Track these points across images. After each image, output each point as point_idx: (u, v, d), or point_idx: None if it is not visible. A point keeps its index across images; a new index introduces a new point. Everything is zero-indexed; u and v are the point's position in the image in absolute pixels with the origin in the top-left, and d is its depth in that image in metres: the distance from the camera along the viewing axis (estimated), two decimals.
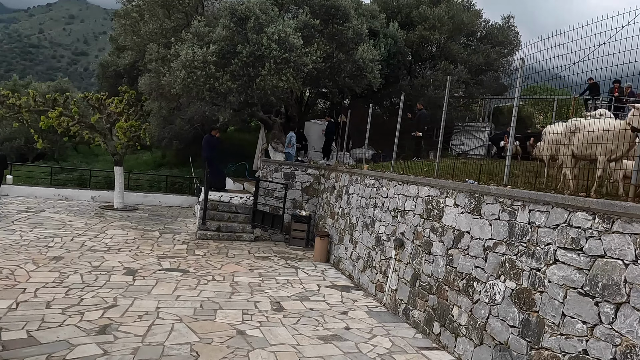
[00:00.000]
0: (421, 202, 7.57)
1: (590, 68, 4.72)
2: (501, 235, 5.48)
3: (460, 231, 6.33)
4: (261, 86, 13.46)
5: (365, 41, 16.41)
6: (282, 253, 12.33)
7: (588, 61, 4.70)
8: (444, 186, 6.94)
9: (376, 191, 9.56)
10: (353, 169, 11.46)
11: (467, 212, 6.24)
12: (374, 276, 8.94)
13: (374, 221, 9.38)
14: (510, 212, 5.40)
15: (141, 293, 7.74)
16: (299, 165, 14.32)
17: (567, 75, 5.27)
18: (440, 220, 6.90)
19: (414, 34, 21.28)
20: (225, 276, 9.31)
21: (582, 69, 4.84)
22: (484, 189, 5.90)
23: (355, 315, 7.55)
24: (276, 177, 14.07)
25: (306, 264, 11.30)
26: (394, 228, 8.41)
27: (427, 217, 7.28)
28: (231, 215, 14.01)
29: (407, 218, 7.98)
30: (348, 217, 11.02)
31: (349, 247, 10.60)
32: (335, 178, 12.60)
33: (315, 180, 14.19)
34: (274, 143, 18.83)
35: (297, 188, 14.12)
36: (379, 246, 8.96)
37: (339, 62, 15.37)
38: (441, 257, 6.69)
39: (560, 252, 4.57)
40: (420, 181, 7.65)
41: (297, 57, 13.38)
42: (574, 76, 5.12)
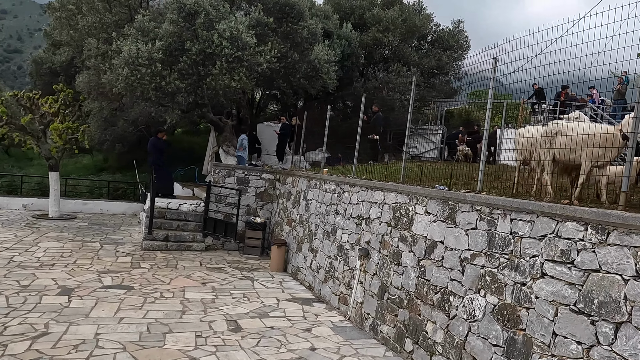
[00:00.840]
0: (388, 209, 7.14)
1: (531, 76, 5.01)
2: (480, 246, 5.12)
3: (432, 241, 5.94)
4: (212, 86, 12.68)
5: (320, 42, 15.98)
6: (236, 263, 11.60)
7: (529, 69, 4.97)
8: (413, 192, 6.54)
9: (337, 197, 9.07)
10: (311, 174, 10.94)
11: (440, 221, 5.86)
12: (336, 288, 8.44)
13: (336, 229, 8.89)
14: (489, 221, 5.05)
15: (78, 316, 6.83)
16: (253, 170, 13.63)
17: (511, 83, 5.47)
18: (409, 229, 6.49)
19: (368, 36, 21.12)
20: (174, 292, 8.51)
21: (523, 77, 5.13)
22: (459, 196, 5.53)
23: (319, 333, 7.01)
24: (229, 182, 13.30)
25: (263, 275, 10.65)
26: (358, 237, 7.95)
27: (395, 225, 6.86)
28: (180, 223, 13.11)
29: (372, 226, 7.54)
30: (307, 224, 10.48)
31: (309, 256, 10.06)
32: (292, 183, 12.03)
33: (270, 185, 13.55)
34: (225, 146, 18.03)
35: (251, 194, 13.43)
36: (341, 256, 8.47)
37: (294, 62, 14.83)
38: (412, 268, 6.27)
39: (548, 265, 4.24)
40: (387, 187, 7.23)
41: (250, 56, 12.71)
42: (518, 83, 5.31)
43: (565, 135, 4.69)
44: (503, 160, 11.55)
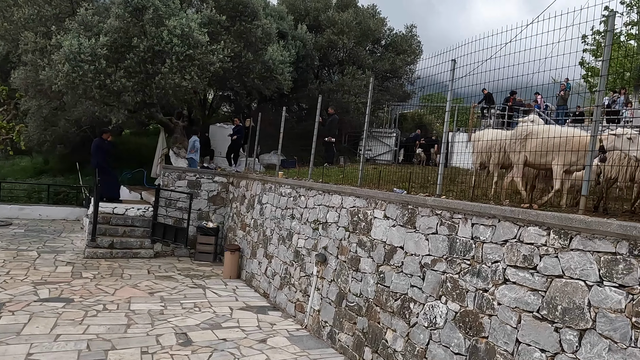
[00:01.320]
0: (346, 214, 6.95)
1: (480, 81, 5.12)
2: (440, 251, 5.00)
3: (392, 246, 5.79)
4: (161, 85, 12.09)
5: (274, 42, 15.67)
6: (187, 270, 11.08)
7: (477, 74, 5.05)
8: (371, 196, 6.37)
9: (293, 201, 8.81)
10: (266, 177, 10.62)
11: (400, 225, 5.71)
12: (292, 295, 8.16)
13: (292, 234, 8.62)
14: (450, 225, 4.94)
15: (8, 335, 6.20)
16: (205, 173, 13.12)
17: (461, 87, 5.51)
18: (368, 234, 6.31)
19: (323, 38, 21.01)
20: (119, 304, 7.95)
21: (472, 82, 5.26)
22: (419, 200, 5.40)
23: (275, 343, 6.70)
24: (179, 186, 12.74)
25: (215, 282, 10.20)
26: (315, 242, 7.71)
27: (353, 230, 6.68)
28: (127, 229, 12.41)
29: (330, 231, 7.32)
30: (261, 229, 10.14)
31: (263, 262, 9.72)
32: (246, 186, 11.65)
33: (223, 188, 13.09)
34: (176, 148, 17.36)
35: (203, 197, 12.92)
36: (297, 261, 8.20)
37: (248, 62, 14.43)
38: (371, 274, 6.10)
39: (510, 271, 4.15)
40: (345, 191, 7.04)
41: (203, 54, 12.22)
42: (467, 87, 5.39)
43: (537, 138, 4.60)
44: (455, 163, 11.71)
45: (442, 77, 5.84)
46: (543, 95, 19.22)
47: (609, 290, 3.36)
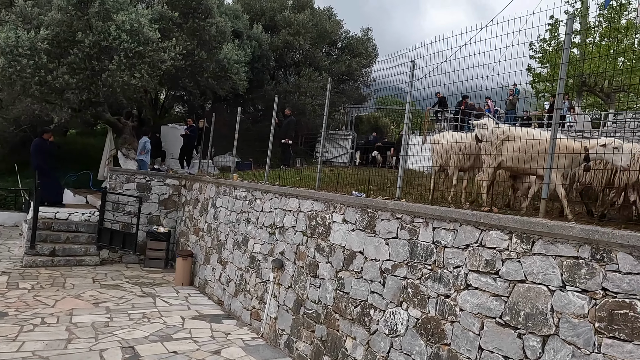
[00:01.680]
0: (303, 218, 6.74)
1: (433, 84, 5.12)
2: (401, 256, 4.87)
3: (351, 251, 5.62)
4: (108, 83, 11.45)
5: (229, 41, 15.26)
6: (136, 278, 10.53)
7: (431, 77, 5.09)
8: (330, 200, 6.19)
9: (249, 205, 8.51)
10: (220, 179, 10.24)
11: (359, 230, 5.56)
12: (248, 302, 7.86)
13: (247, 239, 8.31)
14: (410, 230, 4.82)
15: None
16: (155, 175, 12.56)
17: (416, 89, 5.51)
18: (327, 239, 6.13)
19: (279, 39, 20.75)
20: (60, 316, 7.38)
21: (426, 85, 5.27)
22: (379, 204, 5.27)
23: (230, 354, 6.39)
24: (128, 189, 12.12)
25: (166, 290, 9.73)
26: (272, 247, 7.45)
27: (311, 234, 6.47)
28: (70, 235, 11.67)
29: (287, 236, 7.08)
30: (215, 233, 9.76)
31: (217, 268, 9.35)
32: (199, 189, 11.22)
33: (175, 191, 12.57)
34: (125, 149, 16.60)
35: (154, 201, 12.36)
36: (253, 267, 7.91)
37: (201, 60, 13.97)
38: (330, 280, 5.91)
39: (472, 276, 4.07)
40: (302, 194, 6.82)
41: (153, 51, 11.69)
42: (421, 90, 5.43)
43: (517, 140, 4.49)
44: (410, 165, 11.87)
45: (399, 79, 5.75)
46: (493, 100, 19.83)
47: (571, 295, 3.32)
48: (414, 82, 5.43)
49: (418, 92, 5.47)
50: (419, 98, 6.05)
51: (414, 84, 5.44)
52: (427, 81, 5.19)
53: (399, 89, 6.04)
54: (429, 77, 5.13)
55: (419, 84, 5.36)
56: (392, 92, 6.62)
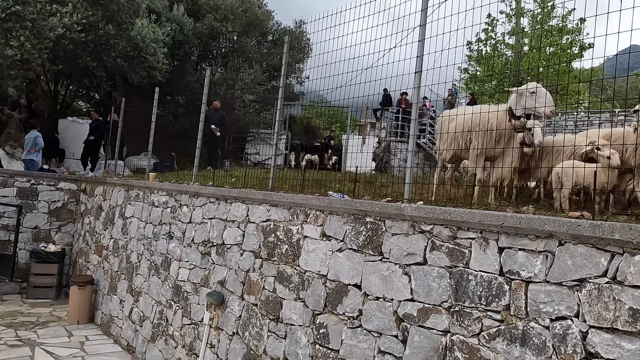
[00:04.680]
0: (255, 231, 4.61)
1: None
2: (437, 294, 2.95)
3: (340, 283, 3.61)
4: None
5: (144, 16, 12.68)
6: (12, 316, 7.75)
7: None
8: (298, 204, 4.14)
9: (171, 213, 6.20)
10: (131, 181, 7.78)
11: (352, 250, 3.57)
12: (171, 351, 5.55)
13: (169, 260, 6.00)
14: (452, 251, 2.91)
15: None
16: (44, 177, 9.69)
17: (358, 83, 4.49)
18: (295, 263, 4.06)
19: (204, 24, 18.29)
20: None
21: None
22: (387, 209, 3.31)
23: None
24: (4, 195, 9.19)
25: (54, 333, 7.11)
26: (206, 273, 5.23)
27: (269, 256, 4.37)
28: None
29: (229, 257, 4.91)
30: (124, 252, 7.29)
31: (127, 300, 6.90)
32: (103, 194, 8.62)
33: (72, 198, 9.80)
34: (9, 147, 13.43)
35: (42, 211, 9.50)
36: (179, 302, 5.62)
37: (108, 36, 11.28)
38: (303, 328, 3.85)
39: (600, 338, 2.23)
40: (252, 196, 4.70)
41: (38, 14, 8.93)
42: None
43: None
44: (349, 167, 10.49)
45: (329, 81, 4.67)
46: (426, 98, 18.84)
47: None
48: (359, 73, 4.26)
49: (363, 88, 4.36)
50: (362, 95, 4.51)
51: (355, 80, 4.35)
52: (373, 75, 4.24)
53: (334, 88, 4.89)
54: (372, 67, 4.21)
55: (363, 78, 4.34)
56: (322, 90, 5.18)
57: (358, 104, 5.60)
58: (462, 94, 22.54)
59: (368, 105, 18.23)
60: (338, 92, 4.79)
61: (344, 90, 4.68)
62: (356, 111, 19.30)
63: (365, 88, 4.33)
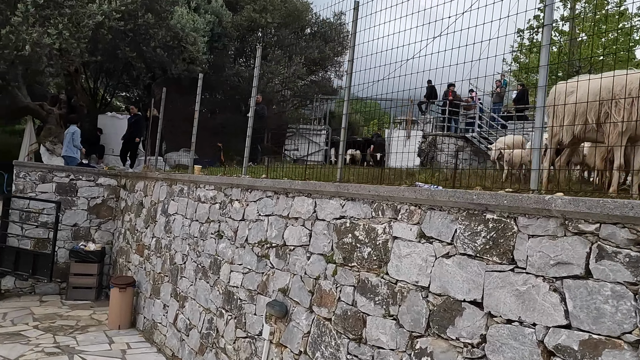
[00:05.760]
0: (325, 230, 3.84)
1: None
2: (613, 322, 2.10)
3: (449, 299, 2.79)
4: (11, 41, 8.11)
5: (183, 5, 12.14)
6: (50, 319, 7.29)
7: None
8: (384, 197, 3.34)
9: (220, 209, 5.51)
10: (174, 175, 7.18)
11: (467, 256, 2.74)
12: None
13: (219, 262, 5.32)
14: (637, 260, 2.06)
15: None
16: (83, 172, 9.26)
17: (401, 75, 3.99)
18: (381, 270, 3.27)
19: (242, 16, 17.71)
20: None
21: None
22: (526, 201, 2.47)
23: None
24: (43, 191, 8.79)
25: (94, 339, 6.58)
26: (264, 279, 4.51)
27: (346, 261, 3.59)
28: None
29: (292, 261, 4.17)
30: (168, 253, 6.68)
31: (172, 305, 6.28)
32: (145, 190, 8.07)
33: (111, 194, 9.33)
34: (49, 143, 13.16)
35: (82, 207, 9.07)
36: (231, 310, 4.93)
37: (148, 26, 10.78)
38: (396, 354, 3.05)
39: None
40: (322, 189, 3.93)
41: (77, 1, 8.46)
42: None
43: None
44: (393, 163, 9.55)
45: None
46: (473, 90, 17.72)
47: None
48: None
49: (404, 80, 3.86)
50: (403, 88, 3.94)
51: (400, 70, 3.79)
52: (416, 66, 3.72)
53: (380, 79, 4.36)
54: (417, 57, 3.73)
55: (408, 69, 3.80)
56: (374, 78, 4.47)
57: (401, 98, 5.04)
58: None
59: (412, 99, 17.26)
60: (379, 86, 4.24)
61: (385, 83, 4.12)
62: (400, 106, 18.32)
63: (407, 81, 3.87)
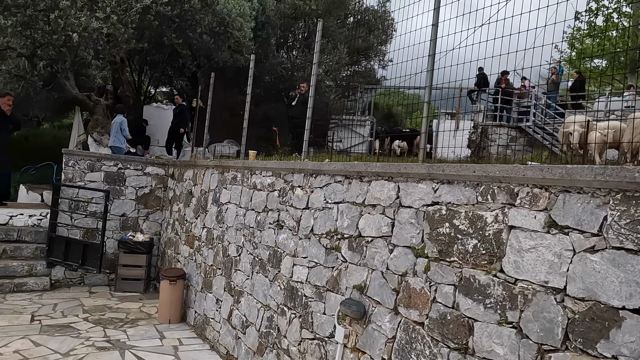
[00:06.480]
0: (413, 219, 3.28)
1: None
2: None
3: (599, 306, 2.19)
4: (59, 26, 7.91)
5: None
6: (100, 311, 7.06)
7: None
8: (494, 178, 2.75)
9: (280, 197, 5.04)
10: (226, 161, 6.78)
11: (625, 251, 2.13)
12: None
13: (280, 255, 4.86)
14: None
15: None
16: (131, 161, 9.03)
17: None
18: (493, 267, 2.69)
19: (286, 4, 17.29)
20: None
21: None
22: None
23: None
24: (91, 180, 8.61)
25: (145, 333, 6.27)
26: (334, 273, 4.00)
27: (442, 254, 3.02)
28: (10, 246, 8.17)
29: (370, 254, 3.63)
30: (220, 244, 6.29)
31: (226, 299, 5.89)
32: (194, 179, 7.73)
33: (159, 183, 9.08)
34: (97, 134, 13.15)
35: (130, 197, 8.85)
36: (295, 308, 4.46)
37: (194, 11, 10.46)
38: None
39: None
40: (408, 171, 3.36)
41: None
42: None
43: None
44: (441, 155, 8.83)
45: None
46: (526, 78, 16.67)
47: None
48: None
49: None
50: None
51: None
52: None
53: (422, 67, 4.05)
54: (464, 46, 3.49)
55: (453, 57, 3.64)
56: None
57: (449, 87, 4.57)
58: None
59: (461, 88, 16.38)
60: (424, 76, 3.81)
61: (430, 72, 3.70)
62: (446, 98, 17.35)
63: (454, 71, 3.61)
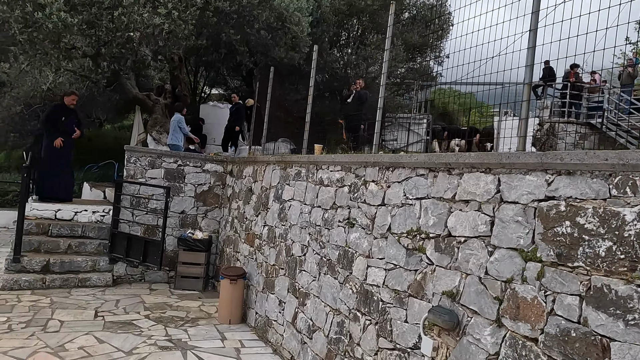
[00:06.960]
0: (520, 216, 2.82)
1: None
2: None
3: None
4: (122, 23, 7.93)
5: None
6: (160, 308, 6.97)
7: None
8: (631, 167, 2.26)
9: (350, 193, 4.68)
10: (289, 156, 6.51)
11: None
12: None
13: (351, 256, 4.50)
14: None
15: None
16: (190, 158, 8.97)
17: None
18: (637, 275, 2.20)
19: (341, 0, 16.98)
20: None
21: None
22: None
23: None
24: (152, 177, 8.60)
25: (205, 333, 6.10)
26: (417, 277, 3.59)
27: (561, 259, 2.55)
28: (74, 242, 8.28)
29: (463, 256, 3.20)
30: (283, 243, 6.02)
31: (290, 301, 5.59)
32: (254, 175, 7.52)
33: (217, 180, 8.96)
34: (156, 132, 13.33)
35: (189, 194, 8.78)
36: (370, 313, 4.08)
37: (252, 7, 10.32)
38: None
39: None
40: (514, 160, 2.90)
41: None
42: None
43: None
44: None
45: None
46: (600, 74, 15.53)
47: None
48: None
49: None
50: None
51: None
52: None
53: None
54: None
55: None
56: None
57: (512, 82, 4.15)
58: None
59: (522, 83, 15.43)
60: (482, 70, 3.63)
61: (490, 65, 3.53)
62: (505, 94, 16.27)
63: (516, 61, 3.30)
